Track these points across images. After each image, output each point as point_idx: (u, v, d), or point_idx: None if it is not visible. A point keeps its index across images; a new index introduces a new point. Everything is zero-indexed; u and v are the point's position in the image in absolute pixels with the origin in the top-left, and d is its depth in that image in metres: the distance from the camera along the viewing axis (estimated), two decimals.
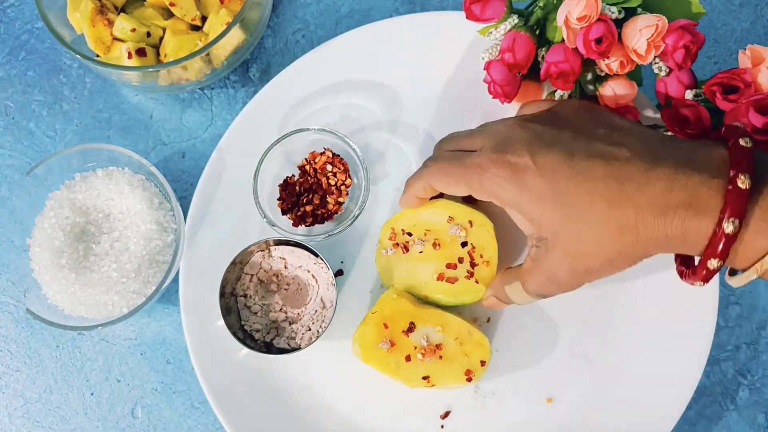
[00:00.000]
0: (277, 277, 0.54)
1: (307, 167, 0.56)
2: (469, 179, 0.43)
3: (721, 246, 0.35)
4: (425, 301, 0.51)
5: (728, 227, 0.35)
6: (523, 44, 0.49)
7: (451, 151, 0.46)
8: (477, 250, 0.49)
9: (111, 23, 0.56)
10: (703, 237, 0.36)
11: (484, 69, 0.51)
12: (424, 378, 0.50)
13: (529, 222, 0.41)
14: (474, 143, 0.44)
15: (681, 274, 0.42)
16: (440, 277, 0.49)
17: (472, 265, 0.49)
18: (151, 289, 0.53)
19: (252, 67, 0.61)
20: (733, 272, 0.40)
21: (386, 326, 0.51)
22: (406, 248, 0.50)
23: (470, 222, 0.49)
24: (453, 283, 0.49)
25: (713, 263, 0.36)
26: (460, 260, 0.49)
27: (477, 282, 0.49)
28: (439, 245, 0.49)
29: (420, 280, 0.50)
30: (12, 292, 0.58)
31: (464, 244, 0.49)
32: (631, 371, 0.54)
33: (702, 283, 0.39)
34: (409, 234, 0.50)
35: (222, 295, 0.52)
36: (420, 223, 0.50)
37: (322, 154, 0.56)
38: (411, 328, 0.51)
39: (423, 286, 0.50)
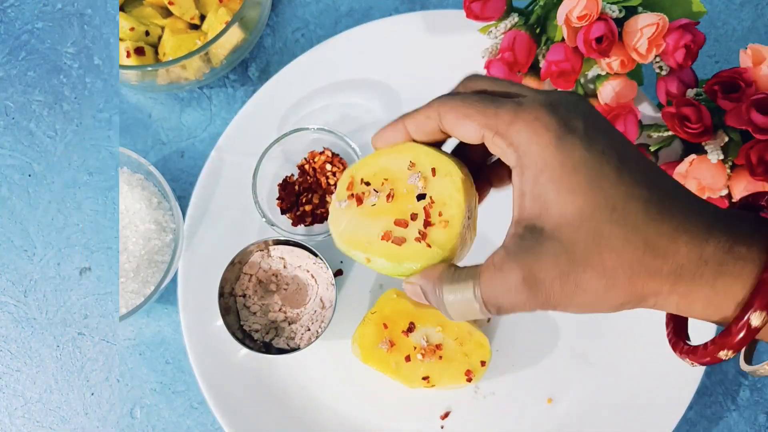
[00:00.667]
0: (277, 276, 0.54)
1: (307, 166, 0.56)
2: (498, 115, 0.33)
3: (740, 336, 0.29)
4: (368, 267, 0.39)
5: (755, 320, 0.29)
6: (524, 43, 0.49)
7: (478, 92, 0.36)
8: (436, 206, 0.37)
9: None
10: (731, 293, 0.30)
11: (485, 68, 0.51)
12: (424, 378, 0.50)
13: (534, 198, 0.32)
14: (517, 89, 0.36)
15: (674, 345, 0.35)
16: (386, 237, 0.37)
17: (426, 224, 0.37)
18: (150, 289, 0.53)
19: (251, 66, 0.61)
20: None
21: (386, 326, 0.50)
22: (360, 200, 0.38)
23: (433, 170, 0.38)
24: (400, 245, 0.37)
25: (723, 354, 0.30)
26: (413, 217, 0.38)
27: (429, 246, 0.37)
28: (392, 197, 0.38)
29: (363, 239, 0.38)
30: (12, 292, 0.58)
31: (421, 197, 0.38)
32: (631, 371, 0.54)
33: (700, 365, 0.33)
34: (367, 183, 0.39)
35: (221, 295, 0.52)
36: (381, 171, 0.39)
37: (321, 153, 0.56)
38: (411, 328, 0.51)
39: (366, 246, 0.38)
